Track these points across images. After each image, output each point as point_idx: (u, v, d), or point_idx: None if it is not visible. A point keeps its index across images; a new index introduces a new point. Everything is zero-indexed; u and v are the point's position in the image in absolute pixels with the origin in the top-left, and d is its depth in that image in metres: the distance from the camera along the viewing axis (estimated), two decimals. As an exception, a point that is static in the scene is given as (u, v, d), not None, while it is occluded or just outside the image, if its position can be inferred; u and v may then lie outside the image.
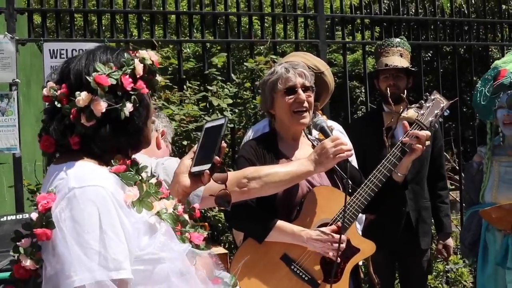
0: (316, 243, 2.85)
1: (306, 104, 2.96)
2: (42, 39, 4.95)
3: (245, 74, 5.33)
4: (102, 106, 1.71)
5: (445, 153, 5.88)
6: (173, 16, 5.37)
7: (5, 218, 3.87)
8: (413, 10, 6.39)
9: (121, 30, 5.72)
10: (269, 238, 2.88)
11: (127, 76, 1.76)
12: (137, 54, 1.82)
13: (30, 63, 7.11)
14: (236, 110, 5.00)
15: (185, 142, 4.69)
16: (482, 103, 3.87)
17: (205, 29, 5.39)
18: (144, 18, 5.77)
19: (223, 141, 1.99)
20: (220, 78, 5.16)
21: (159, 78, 1.88)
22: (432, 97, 3.11)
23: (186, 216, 1.87)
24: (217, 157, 1.97)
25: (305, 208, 2.94)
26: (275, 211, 2.93)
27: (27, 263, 1.67)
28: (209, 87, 5.06)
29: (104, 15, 5.47)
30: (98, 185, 1.67)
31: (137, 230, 1.69)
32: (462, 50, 10.54)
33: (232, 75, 5.37)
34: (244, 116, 4.94)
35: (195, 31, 5.57)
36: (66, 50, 4.90)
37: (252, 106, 4.99)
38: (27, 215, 3.86)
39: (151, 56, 1.83)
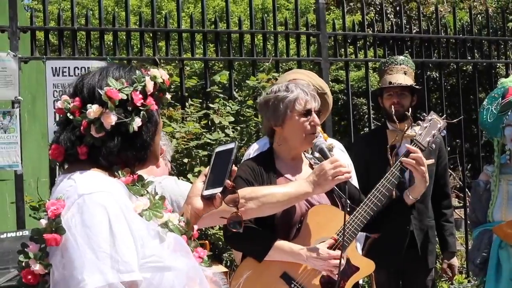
0: (316, 261, 2.83)
1: (318, 128, 2.97)
2: (45, 57, 4.97)
3: (247, 92, 5.32)
4: (112, 119, 1.77)
5: (451, 171, 5.85)
6: (176, 34, 5.38)
7: (5, 235, 3.86)
8: (417, 28, 6.39)
9: (123, 48, 5.73)
10: (268, 257, 2.86)
11: (138, 92, 1.82)
12: (148, 72, 1.88)
13: (36, 80, 7.12)
14: (238, 128, 4.99)
15: (186, 160, 4.69)
16: (489, 121, 3.85)
17: (207, 47, 5.39)
18: (146, 36, 5.78)
19: (233, 165, 2.04)
20: (222, 95, 5.16)
21: (168, 96, 1.93)
22: (429, 118, 3.12)
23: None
24: (228, 181, 2.01)
25: (304, 227, 2.92)
26: (274, 230, 2.91)
27: (37, 267, 1.70)
28: (211, 105, 5.06)
29: (106, 33, 5.49)
30: (107, 191, 1.72)
31: (141, 238, 1.72)
32: (469, 67, 10.54)
33: (234, 92, 5.37)
34: (245, 134, 4.93)
35: (197, 49, 5.58)
36: (69, 68, 4.93)
37: (254, 123, 4.98)
38: (27, 232, 3.86)
39: (162, 75, 1.89)
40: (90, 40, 5.24)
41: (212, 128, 4.90)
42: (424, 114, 3.15)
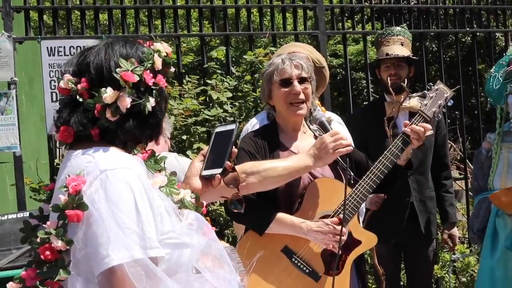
0: (316, 235, 2.82)
1: (302, 96, 2.93)
2: (40, 37, 4.93)
3: (245, 67, 5.29)
4: (127, 102, 1.75)
5: (451, 142, 5.84)
6: (171, 10, 5.33)
7: (6, 217, 3.87)
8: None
9: (118, 26, 5.68)
10: (269, 230, 2.86)
11: (148, 71, 1.80)
12: (151, 47, 1.85)
13: (32, 62, 7.09)
14: (236, 104, 4.97)
15: (184, 137, 4.67)
16: (494, 88, 3.84)
17: (203, 23, 5.34)
18: (141, 13, 5.74)
19: (233, 146, 2.03)
20: (219, 71, 5.13)
21: (172, 69, 1.92)
22: (436, 87, 3.08)
23: None
24: (228, 162, 2.01)
25: (306, 200, 2.92)
26: (276, 203, 2.91)
27: (58, 243, 1.67)
28: (208, 81, 5.03)
29: (102, 11, 5.44)
30: (129, 167, 1.71)
31: (160, 215, 1.72)
32: (468, 38, 10.47)
33: (232, 68, 5.34)
34: (244, 109, 4.90)
35: (193, 25, 5.53)
36: (64, 47, 4.89)
37: (252, 99, 4.95)
38: (28, 213, 3.85)
39: (165, 48, 1.87)
40: (85, 19, 5.19)
41: (210, 104, 4.87)
42: (431, 83, 3.11)
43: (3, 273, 3.27)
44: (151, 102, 1.79)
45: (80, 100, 1.77)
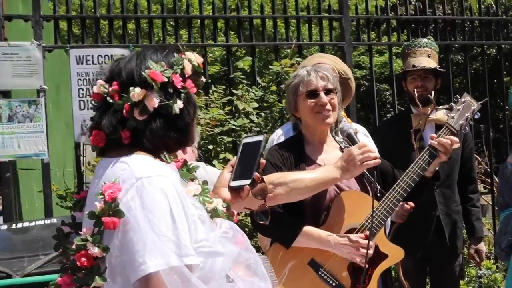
0: (343, 248, 2.81)
1: (328, 106, 2.93)
2: (68, 46, 5.00)
3: (271, 77, 5.30)
4: (155, 101, 1.77)
5: (477, 155, 5.79)
6: (198, 20, 5.37)
7: (33, 223, 3.91)
8: (441, 11, 6.30)
9: (146, 35, 5.73)
10: (296, 244, 2.84)
11: (177, 75, 1.82)
12: (183, 56, 1.88)
13: (60, 70, 7.18)
14: (262, 114, 4.98)
15: (211, 147, 4.69)
16: None
17: (230, 33, 5.37)
18: (169, 22, 5.78)
19: (261, 158, 2.04)
20: (245, 81, 5.15)
21: (203, 79, 1.94)
22: (463, 100, 3.05)
23: None
24: (256, 173, 2.01)
25: (332, 213, 2.90)
26: (302, 216, 2.89)
27: (95, 250, 1.68)
28: (234, 91, 5.05)
29: (129, 20, 5.50)
30: (164, 175, 1.72)
31: (194, 223, 1.73)
32: (493, 51, 10.40)
33: (258, 78, 5.36)
34: (270, 119, 4.91)
35: (220, 35, 5.57)
36: (92, 56, 4.95)
37: (278, 109, 4.96)
38: (55, 220, 3.90)
39: (196, 58, 1.89)
40: (113, 28, 5.25)
41: (236, 114, 4.89)
42: (458, 96, 3.09)
43: (31, 279, 3.31)
44: (178, 104, 1.80)
45: (111, 101, 1.80)
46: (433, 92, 4.13)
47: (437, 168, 3.04)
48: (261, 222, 2.21)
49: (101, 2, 5.71)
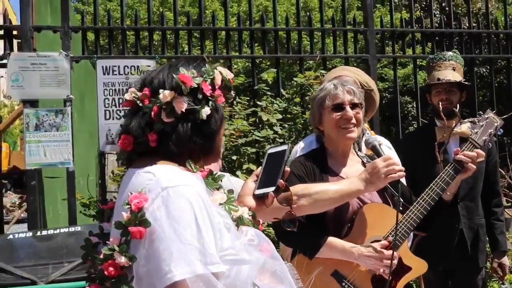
0: (367, 260, 2.81)
1: (354, 120, 2.94)
2: (96, 56, 5.07)
3: (295, 89, 5.33)
4: (183, 104, 1.81)
5: (500, 169, 5.74)
6: (223, 32, 5.42)
7: (58, 231, 3.95)
8: (466, 24, 6.28)
9: (172, 47, 5.79)
10: (320, 255, 2.85)
11: (207, 83, 1.86)
12: (214, 69, 1.91)
13: (85, 80, 7.28)
14: (286, 125, 5.00)
15: (234, 157, 4.72)
16: None
17: (254, 45, 5.41)
18: (194, 34, 5.84)
19: (286, 166, 2.06)
20: (269, 93, 5.18)
21: (233, 93, 1.96)
22: (486, 116, 3.07)
23: None
24: (281, 181, 2.03)
25: (356, 225, 2.91)
26: (325, 228, 2.90)
27: (122, 260, 1.70)
28: (258, 102, 5.08)
29: (155, 32, 5.57)
30: (190, 184, 1.73)
31: (219, 231, 1.74)
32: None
33: (282, 90, 5.39)
34: (293, 131, 4.93)
35: (244, 47, 5.61)
36: (119, 66, 5.02)
37: (302, 121, 4.98)
38: (79, 228, 3.94)
39: (228, 73, 1.92)
40: (139, 40, 5.31)
41: (260, 125, 4.92)
42: (481, 112, 3.11)
43: (56, 285, 3.35)
44: (206, 110, 1.83)
45: (140, 105, 1.84)
46: (457, 105, 4.12)
47: (453, 192, 3.05)
48: (288, 229, 2.22)
49: (127, 14, 5.78)
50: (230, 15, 5.50)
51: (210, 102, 1.84)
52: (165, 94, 1.81)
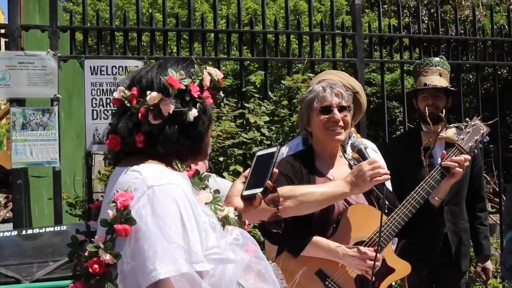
0: (352, 260, 2.84)
1: (341, 123, 2.97)
2: (83, 56, 5.06)
3: (283, 92, 5.35)
4: (170, 107, 1.81)
5: (485, 175, 5.79)
6: (212, 34, 5.43)
7: (43, 230, 3.94)
8: (454, 31, 6.34)
9: (160, 48, 5.79)
10: (305, 253, 2.88)
11: (196, 84, 1.86)
12: (204, 70, 1.91)
13: (72, 80, 7.26)
14: (273, 128, 5.02)
15: (221, 158, 4.73)
16: None
17: (243, 47, 5.42)
18: (183, 36, 5.85)
19: (274, 168, 2.08)
20: (257, 95, 5.19)
21: (222, 94, 1.96)
22: (473, 123, 3.11)
23: None
24: (269, 182, 2.06)
25: (341, 226, 2.93)
26: (311, 228, 2.93)
27: (107, 257, 1.70)
28: (246, 104, 5.10)
29: (144, 33, 5.56)
30: (175, 183, 1.74)
31: (205, 230, 1.75)
32: (504, 71, 10.40)
33: (270, 92, 5.40)
34: (281, 133, 4.95)
35: (233, 49, 5.63)
36: (107, 66, 5.01)
37: (289, 124, 5.00)
38: (65, 227, 3.93)
39: (217, 73, 1.92)
40: (128, 40, 5.31)
41: (247, 127, 4.93)
42: (468, 119, 3.15)
43: (40, 284, 3.34)
44: (193, 113, 1.83)
45: (128, 105, 1.84)
46: (443, 111, 4.15)
47: (441, 198, 3.08)
48: (274, 231, 2.23)
49: (116, 15, 5.78)
50: (219, 17, 5.50)
51: (198, 104, 1.85)
52: (152, 96, 1.81)
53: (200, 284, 1.65)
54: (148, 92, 1.83)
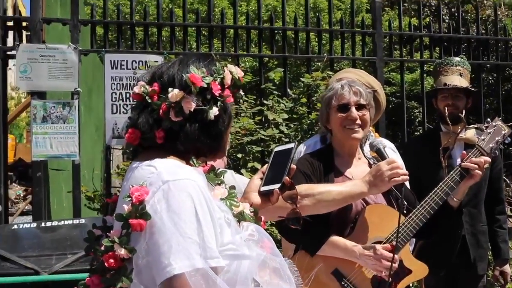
0: (368, 260, 2.82)
1: (358, 121, 2.96)
2: (104, 50, 5.09)
3: (301, 89, 5.34)
4: (191, 104, 1.81)
5: (505, 177, 5.73)
6: (232, 30, 5.43)
7: (62, 223, 3.98)
8: (475, 30, 6.29)
9: (180, 43, 5.81)
10: (321, 252, 2.87)
11: (217, 83, 1.86)
12: (225, 68, 1.91)
13: (92, 74, 7.31)
14: (292, 125, 5.02)
15: (239, 155, 4.73)
16: None
17: (262, 44, 5.42)
18: (203, 31, 5.86)
19: (292, 164, 2.06)
20: (276, 92, 5.20)
21: (242, 93, 1.97)
22: (494, 124, 3.08)
23: None
24: (286, 177, 2.04)
25: (358, 225, 2.92)
26: (328, 227, 2.92)
27: (122, 252, 1.71)
28: (265, 101, 5.10)
29: (164, 28, 5.58)
30: (191, 178, 1.74)
31: (220, 226, 1.75)
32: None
33: (288, 90, 5.40)
34: (299, 131, 4.94)
35: (252, 46, 5.62)
36: (127, 61, 5.03)
37: (308, 121, 4.99)
38: (83, 221, 3.97)
39: (238, 72, 1.92)
40: (148, 35, 5.33)
41: (266, 124, 4.93)
42: (489, 120, 3.11)
43: (59, 276, 3.37)
44: (214, 111, 1.83)
45: (149, 101, 1.84)
46: (463, 111, 4.11)
47: (460, 199, 3.06)
48: (292, 227, 2.22)
49: (136, 10, 5.81)
50: (240, 13, 5.50)
51: (219, 102, 1.85)
52: (174, 94, 1.81)
53: (215, 280, 1.65)
54: (170, 89, 1.82)
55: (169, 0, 14.24)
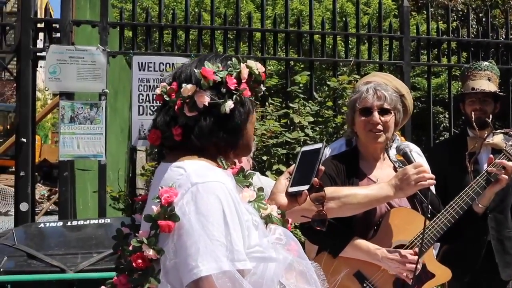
0: (391, 263, 2.82)
1: (380, 126, 2.95)
2: (132, 52, 5.14)
3: (327, 93, 5.35)
4: (205, 99, 1.81)
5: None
6: (258, 34, 5.46)
7: (88, 222, 4.02)
8: (503, 36, 6.23)
9: (207, 46, 5.85)
10: (344, 254, 2.87)
11: (232, 77, 1.85)
12: (244, 64, 1.91)
13: (119, 76, 7.38)
14: (317, 128, 5.02)
15: (265, 157, 4.75)
16: None
17: (289, 47, 5.43)
18: (229, 34, 5.89)
19: (320, 165, 2.05)
20: (302, 96, 5.20)
21: (263, 88, 1.96)
22: None
23: None
24: (315, 179, 2.03)
25: (382, 228, 2.91)
26: (352, 229, 2.92)
27: (150, 252, 1.72)
28: (291, 104, 5.11)
29: (191, 30, 5.62)
30: (219, 181, 1.75)
31: (247, 229, 1.76)
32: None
33: (314, 93, 5.40)
34: (325, 134, 4.94)
35: (279, 49, 5.64)
36: (154, 63, 5.08)
37: (334, 125, 4.99)
38: (109, 220, 4.01)
39: (258, 67, 1.92)
40: (176, 38, 5.38)
41: (291, 127, 4.94)
42: None
43: (84, 275, 3.40)
44: (229, 104, 1.82)
45: (167, 99, 1.85)
46: (491, 116, 4.08)
47: (485, 205, 3.03)
48: (317, 228, 2.22)
49: (163, 13, 5.86)
50: (267, 17, 5.52)
51: (234, 96, 1.84)
52: (186, 88, 1.82)
53: (241, 282, 1.66)
54: (183, 84, 1.84)
55: (195, 3, 14.34)
